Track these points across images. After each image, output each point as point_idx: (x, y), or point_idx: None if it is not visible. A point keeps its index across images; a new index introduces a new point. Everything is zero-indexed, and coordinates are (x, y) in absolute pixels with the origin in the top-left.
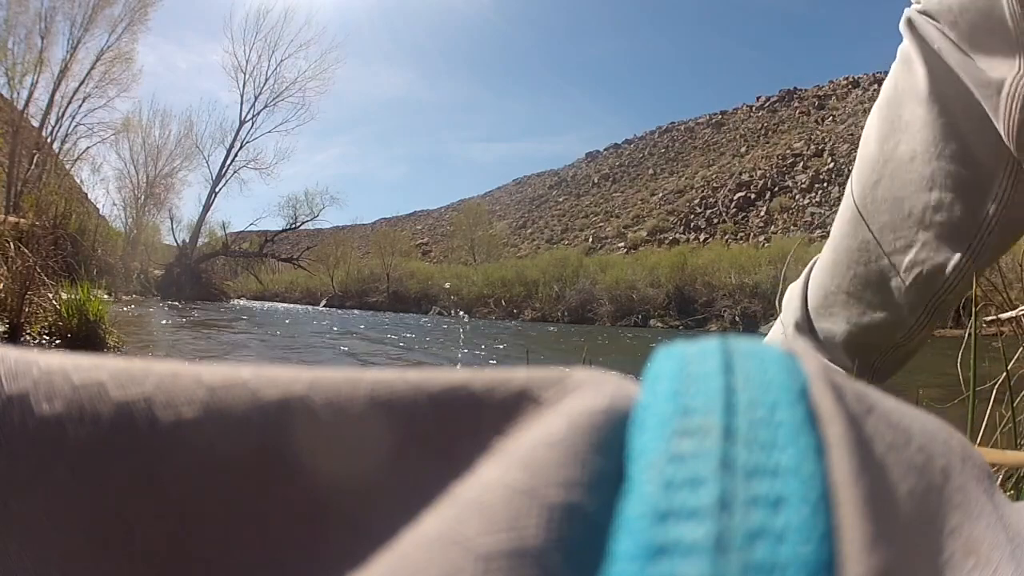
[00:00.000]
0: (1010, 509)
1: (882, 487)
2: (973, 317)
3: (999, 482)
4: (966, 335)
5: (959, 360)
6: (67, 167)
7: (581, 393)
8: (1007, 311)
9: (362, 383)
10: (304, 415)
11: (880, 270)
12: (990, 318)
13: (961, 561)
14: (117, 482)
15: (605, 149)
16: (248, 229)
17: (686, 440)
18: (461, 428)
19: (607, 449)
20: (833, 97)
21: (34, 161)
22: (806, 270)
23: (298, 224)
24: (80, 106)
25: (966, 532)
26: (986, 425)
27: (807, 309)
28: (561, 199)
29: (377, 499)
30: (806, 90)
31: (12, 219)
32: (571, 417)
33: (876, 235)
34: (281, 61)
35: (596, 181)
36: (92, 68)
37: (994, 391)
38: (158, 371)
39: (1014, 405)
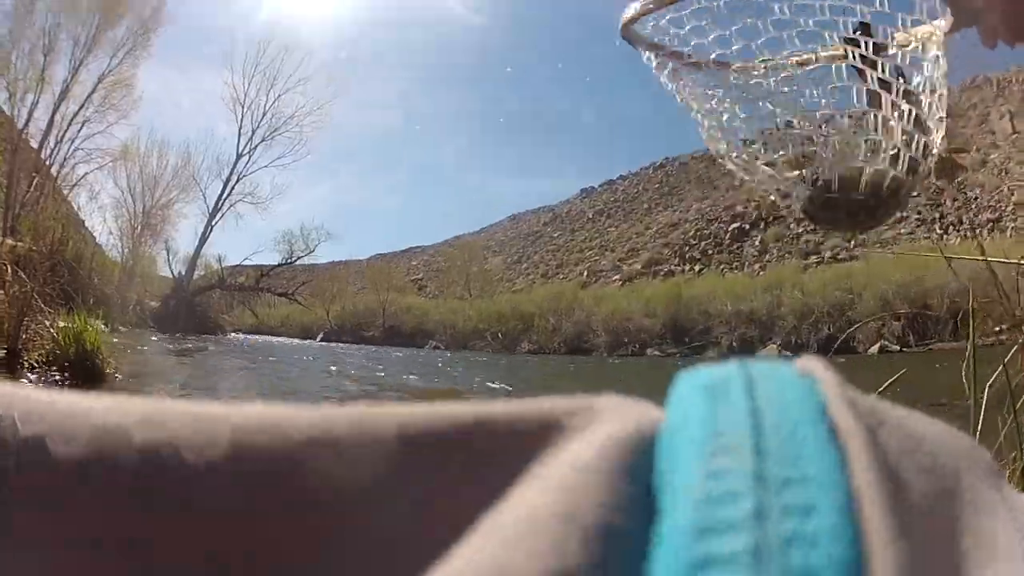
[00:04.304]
0: (1020, 501)
1: (899, 490)
2: (972, 327)
3: (1007, 475)
4: (968, 345)
5: (963, 370)
6: (65, 192)
7: (607, 419)
8: (1007, 321)
9: (389, 417)
10: (331, 452)
11: None
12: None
13: (975, 554)
14: (142, 527)
15: (600, 185)
16: (244, 263)
17: (721, 458)
18: (490, 457)
19: (636, 472)
20: None
21: (33, 183)
22: None
23: (294, 259)
24: (79, 130)
25: (978, 527)
26: (981, 431)
27: None
28: (556, 234)
29: (408, 531)
30: None
31: (10, 242)
32: (600, 443)
33: None
34: (279, 96)
35: (591, 216)
36: (93, 92)
37: (986, 393)
38: (180, 411)
39: (1015, 409)
